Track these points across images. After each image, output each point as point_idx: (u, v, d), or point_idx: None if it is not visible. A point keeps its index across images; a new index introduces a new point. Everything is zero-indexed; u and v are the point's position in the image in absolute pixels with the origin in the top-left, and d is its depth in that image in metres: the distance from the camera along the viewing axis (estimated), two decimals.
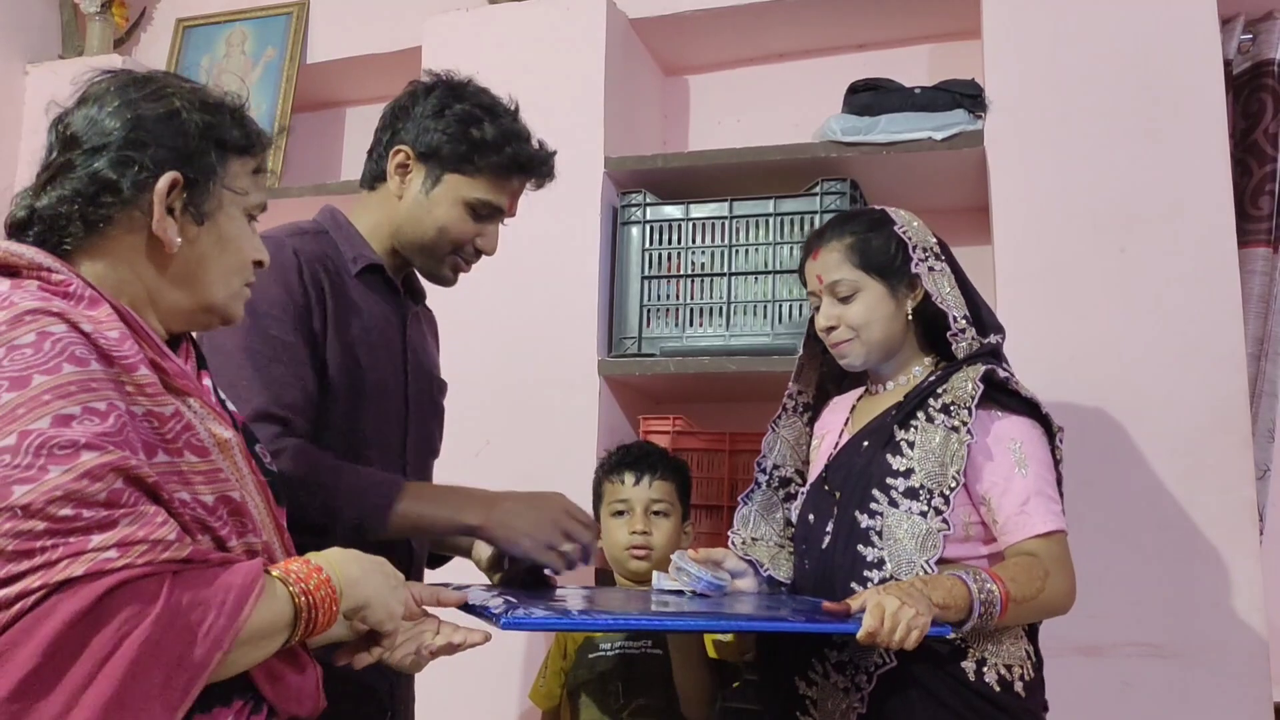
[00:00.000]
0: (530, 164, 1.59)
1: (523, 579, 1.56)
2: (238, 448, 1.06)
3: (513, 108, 1.63)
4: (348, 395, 1.49)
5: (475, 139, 1.55)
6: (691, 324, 2.39)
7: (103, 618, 0.86)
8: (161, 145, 1.04)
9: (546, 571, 1.55)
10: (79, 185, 1.03)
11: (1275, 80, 2.29)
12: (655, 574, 1.60)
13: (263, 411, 1.38)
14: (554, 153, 1.63)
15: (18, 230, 1.05)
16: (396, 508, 1.42)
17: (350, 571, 1.08)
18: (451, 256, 1.60)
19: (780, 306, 2.32)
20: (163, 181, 1.03)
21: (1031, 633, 1.54)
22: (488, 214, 1.58)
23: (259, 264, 1.16)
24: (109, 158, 1.03)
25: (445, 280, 1.63)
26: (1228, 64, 2.28)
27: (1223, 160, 2.06)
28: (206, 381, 1.14)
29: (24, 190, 1.07)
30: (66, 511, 0.86)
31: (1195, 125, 2.07)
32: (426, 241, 1.58)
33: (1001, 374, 1.53)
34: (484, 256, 1.63)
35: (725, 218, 2.38)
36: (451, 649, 1.21)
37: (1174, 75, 2.10)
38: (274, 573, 1.01)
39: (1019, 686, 1.46)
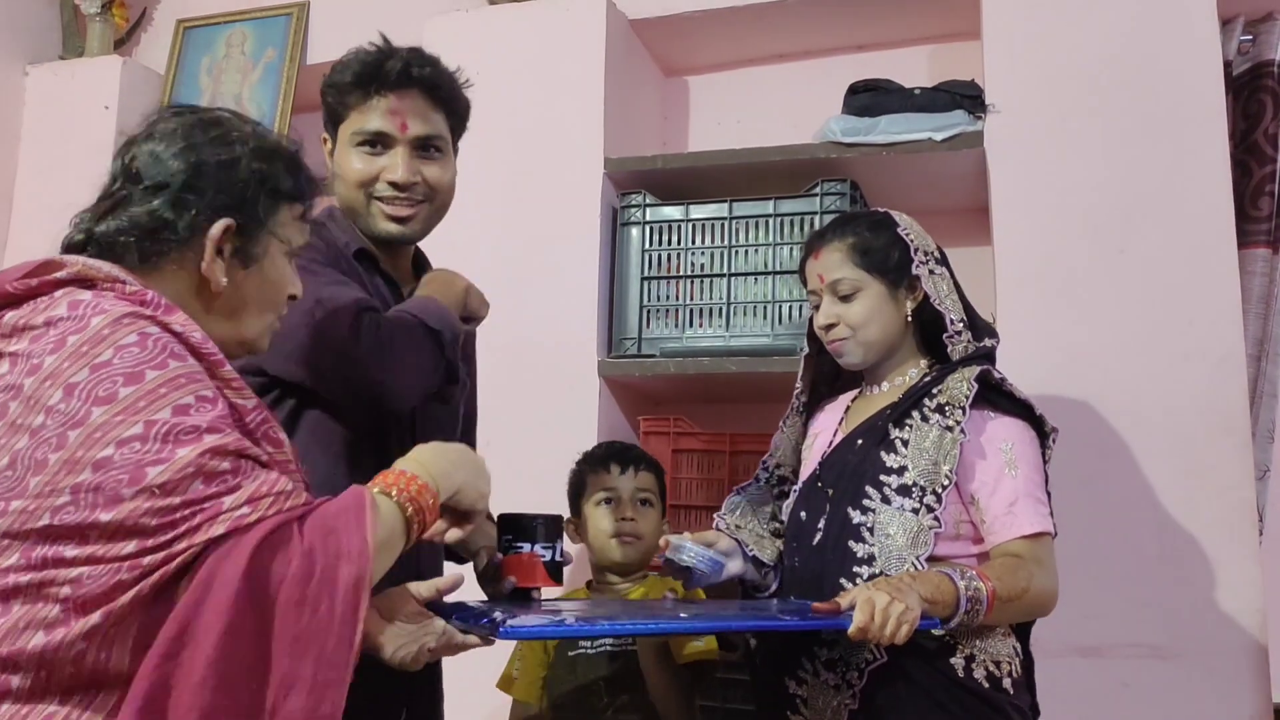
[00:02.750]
0: (368, 70, 1.55)
1: (509, 594, 1.56)
2: (291, 450, 1.14)
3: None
4: None
5: (330, 83, 1.59)
6: (691, 325, 2.39)
7: (259, 570, 0.94)
8: (219, 191, 1.10)
9: (532, 592, 1.56)
10: (138, 220, 1.09)
11: (1275, 81, 2.29)
12: (655, 556, 1.60)
13: (357, 313, 1.41)
14: (411, 50, 1.58)
15: (74, 252, 1.10)
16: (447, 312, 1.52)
17: (441, 465, 1.18)
18: (373, 203, 1.57)
19: (780, 307, 2.32)
20: (216, 227, 1.10)
21: (1020, 631, 1.55)
22: (377, 143, 1.56)
23: (292, 297, 1.22)
24: (167, 198, 1.09)
25: (389, 232, 1.58)
26: (1227, 65, 2.28)
27: (1222, 161, 2.06)
28: None
29: (82, 213, 1.13)
30: (198, 485, 0.95)
31: (1195, 126, 2.08)
32: (347, 201, 1.59)
33: (996, 375, 1.55)
34: (417, 190, 1.57)
35: (725, 218, 2.38)
36: (453, 649, 1.22)
37: (1174, 76, 2.10)
38: (374, 489, 1.10)
39: (1007, 683, 1.48)
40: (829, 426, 1.70)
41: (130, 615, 0.93)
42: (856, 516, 1.52)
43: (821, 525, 1.57)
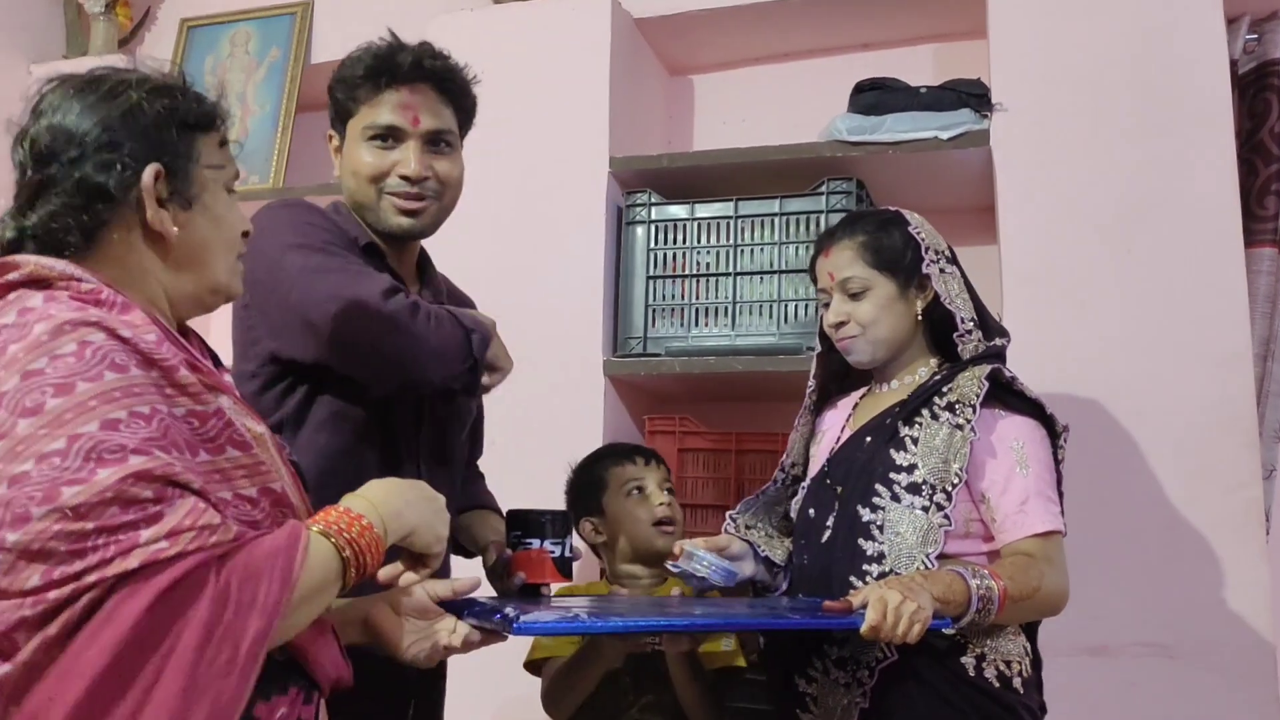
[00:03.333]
0: (379, 64, 1.55)
1: (519, 590, 1.56)
2: (270, 440, 1.10)
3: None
4: None
5: (339, 79, 1.59)
6: (697, 324, 2.39)
7: (164, 612, 0.88)
8: (134, 140, 1.05)
9: (542, 588, 1.56)
10: (68, 197, 1.03)
11: None
12: (670, 564, 1.60)
13: (388, 287, 1.43)
14: (421, 44, 1.59)
15: (9, 252, 1.05)
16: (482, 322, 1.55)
17: (392, 505, 1.12)
18: (385, 197, 1.57)
19: (786, 306, 2.32)
20: (147, 174, 1.05)
21: (1029, 630, 1.55)
22: (388, 138, 1.56)
23: (245, 235, 1.17)
24: (90, 164, 1.03)
25: (400, 226, 1.58)
26: (1233, 64, 2.28)
27: (1229, 160, 2.06)
28: (227, 378, 1.16)
29: (4, 214, 1.07)
30: (115, 511, 0.88)
31: (1201, 125, 2.07)
32: (357, 196, 1.59)
33: (1007, 374, 1.55)
34: (429, 185, 1.58)
35: (730, 217, 2.38)
36: (467, 646, 1.22)
37: (1180, 75, 2.10)
38: (314, 528, 1.04)
39: (1017, 683, 1.48)
40: (836, 424, 1.71)
41: (41, 662, 0.87)
42: (866, 514, 1.52)
43: (830, 523, 1.57)
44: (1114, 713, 1.95)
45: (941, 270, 1.61)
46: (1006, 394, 1.55)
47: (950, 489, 1.48)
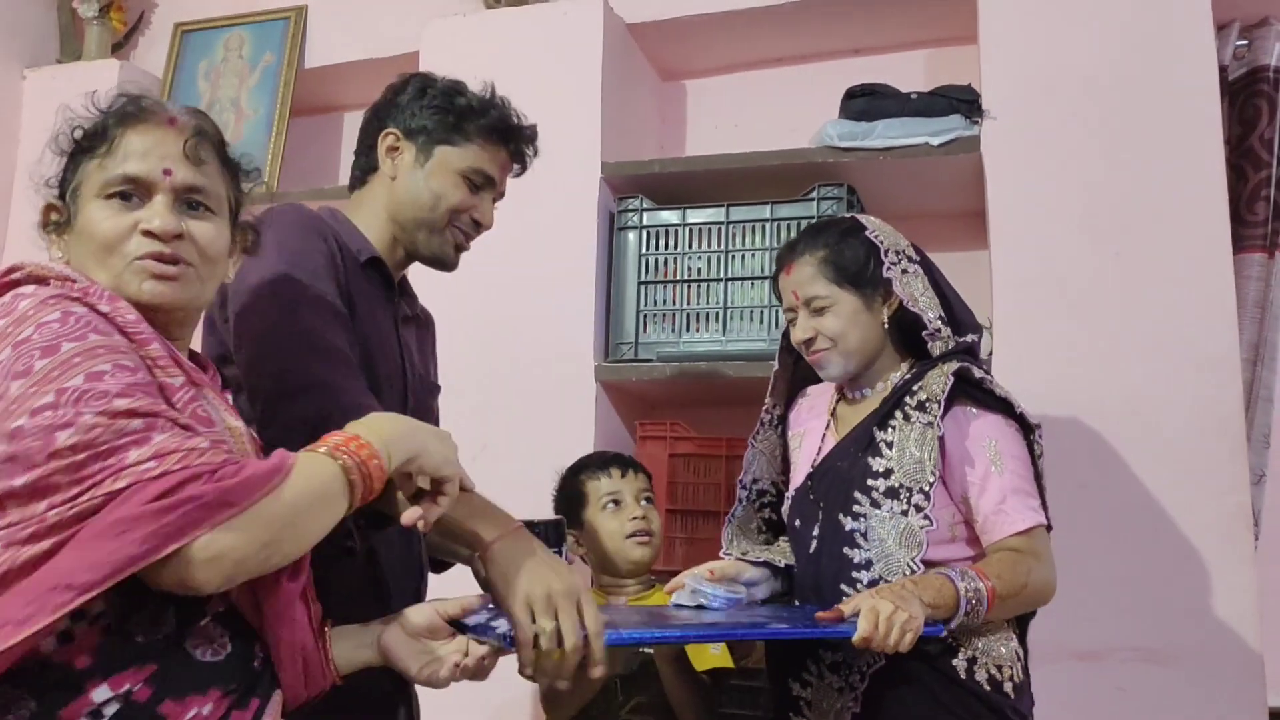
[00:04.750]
0: (515, 130, 1.62)
1: None
2: (249, 439, 1.13)
3: (489, 89, 1.65)
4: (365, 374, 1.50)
5: (460, 107, 1.59)
6: (688, 329, 2.39)
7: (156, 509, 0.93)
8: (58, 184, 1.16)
9: None
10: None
11: (1270, 86, 2.30)
12: (675, 595, 1.60)
13: (322, 374, 1.37)
14: (533, 126, 1.66)
15: None
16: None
17: (389, 430, 1.11)
18: (451, 230, 1.59)
19: (777, 312, 2.32)
20: (42, 211, 1.17)
21: (1022, 633, 1.56)
22: (481, 184, 1.60)
23: (148, 233, 1.11)
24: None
25: (448, 258, 1.61)
26: (1223, 70, 2.29)
27: (1218, 166, 2.06)
28: (227, 396, 1.19)
29: None
30: (106, 439, 0.94)
31: (1191, 131, 2.08)
32: (425, 215, 1.58)
33: (976, 372, 1.55)
34: (482, 233, 1.63)
35: (722, 223, 2.39)
36: (482, 667, 1.22)
37: (1170, 81, 2.11)
38: (318, 448, 1.06)
39: (1008, 687, 1.49)
40: (815, 430, 1.70)
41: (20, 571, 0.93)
42: (849, 523, 1.53)
43: (815, 533, 1.58)
44: (1102, 717, 1.95)
45: (904, 271, 1.60)
46: (977, 391, 1.55)
47: (927, 488, 1.48)
